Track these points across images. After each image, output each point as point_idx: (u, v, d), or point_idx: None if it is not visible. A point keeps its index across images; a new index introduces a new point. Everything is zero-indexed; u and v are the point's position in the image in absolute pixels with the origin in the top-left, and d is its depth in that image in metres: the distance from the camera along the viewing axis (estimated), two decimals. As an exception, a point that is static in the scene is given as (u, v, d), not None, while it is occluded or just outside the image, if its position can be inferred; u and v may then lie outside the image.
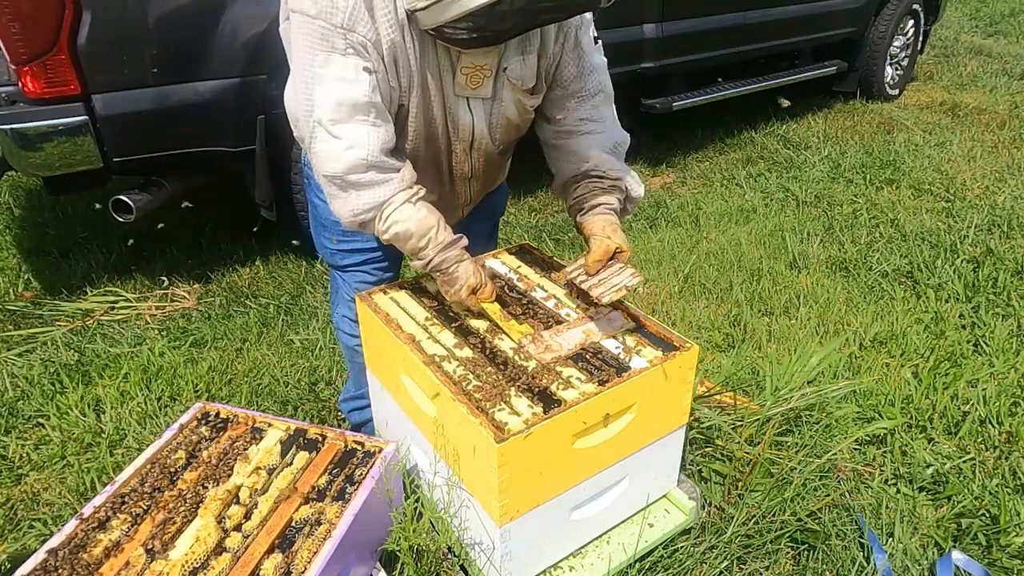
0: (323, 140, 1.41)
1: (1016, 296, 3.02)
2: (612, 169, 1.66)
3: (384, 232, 1.49)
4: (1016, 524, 1.90)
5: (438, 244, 1.51)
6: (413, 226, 1.48)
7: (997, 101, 5.91)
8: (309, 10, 1.33)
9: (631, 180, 1.70)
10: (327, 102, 1.37)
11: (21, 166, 2.61)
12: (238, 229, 3.63)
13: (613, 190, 1.66)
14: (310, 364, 2.63)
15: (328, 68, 1.36)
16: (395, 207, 1.46)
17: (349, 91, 1.37)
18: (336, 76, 1.36)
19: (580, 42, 1.60)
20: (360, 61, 1.37)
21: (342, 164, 1.41)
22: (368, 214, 1.46)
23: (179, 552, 1.37)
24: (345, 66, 1.36)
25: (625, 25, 3.96)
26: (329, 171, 1.43)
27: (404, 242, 1.50)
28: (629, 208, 1.74)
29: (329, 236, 1.79)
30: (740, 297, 3.09)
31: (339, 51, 1.35)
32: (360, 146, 1.40)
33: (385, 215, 1.47)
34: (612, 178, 1.66)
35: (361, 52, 1.36)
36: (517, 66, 1.53)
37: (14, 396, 2.47)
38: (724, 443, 2.05)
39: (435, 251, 1.51)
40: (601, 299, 1.54)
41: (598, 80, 1.67)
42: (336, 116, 1.38)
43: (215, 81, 2.76)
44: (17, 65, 2.41)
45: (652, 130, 5.12)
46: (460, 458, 1.47)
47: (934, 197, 4.12)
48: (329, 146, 1.41)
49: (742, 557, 1.82)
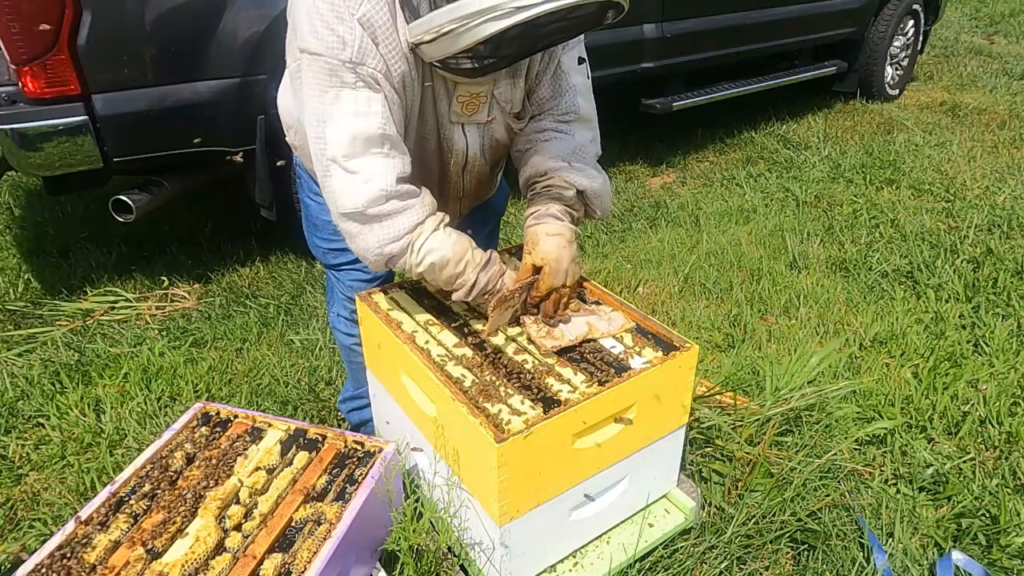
0: (338, 177, 1.37)
1: (1016, 296, 3.02)
2: (548, 170, 1.56)
3: (418, 263, 1.42)
4: (1016, 524, 1.90)
5: (477, 265, 1.48)
6: (449, 251, 1.43)
7: (997, 101, 5.91)
8: (316, 48, 1.31)
9: (570, 172, 1.56)
10: (340, 138, 1.34)
11: (21, 166, 2.61)
12: (238, 229, 3.63)
13: (546, 191, 1.56)
14: (310, 364, 2.62)
15: (338, 104, 1.33)
16: (426, 235, 1.41)
17: (362, 125, 1.34)
18: (348, 111, 1.33)
19: (561, 63, 1.59)
20: (371, 93, 1.34)
21: (362, 198, 1.36)
22: (396, 244, 1.40)
23: (179, 552, 1.37)
24: (356, 99, 1.33)
25: (625, 25, 3.95)
26: (349, 207, 1.37)
27: (441, 270, 1.44)
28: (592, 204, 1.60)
29: (321, 235, 1.79)
30: (740, 297, 3.09)
31: (349, 85, 1.33)
32: (378, 177, 1.36)
33: (417, 246, 1.41)
34: (546, 179, 1.56)
35: (372, 85, 1.34)
36: (507, 90, 1.54)
37: (14, 396, 2.47)
38: (724, 443, 2.05)
39: (475, 272, 1.47)
40: (543, 346, 1.53)
41: (572, 101, 1.62)
42: (350, 151, 1.35)
43: (215, 81, 2.76)
44: (17, 65, 2.41)
45: (652, 130, 5.12)
46: (460, 458, 1.47)
47: (934, 197, 4.12)
48: (345, 183, 1.36)
49: (742, 557, 1.82)
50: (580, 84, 1.63)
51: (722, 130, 5.23)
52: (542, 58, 1.56)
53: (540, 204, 1.56)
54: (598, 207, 1.62)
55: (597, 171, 1.62)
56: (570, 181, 1.56)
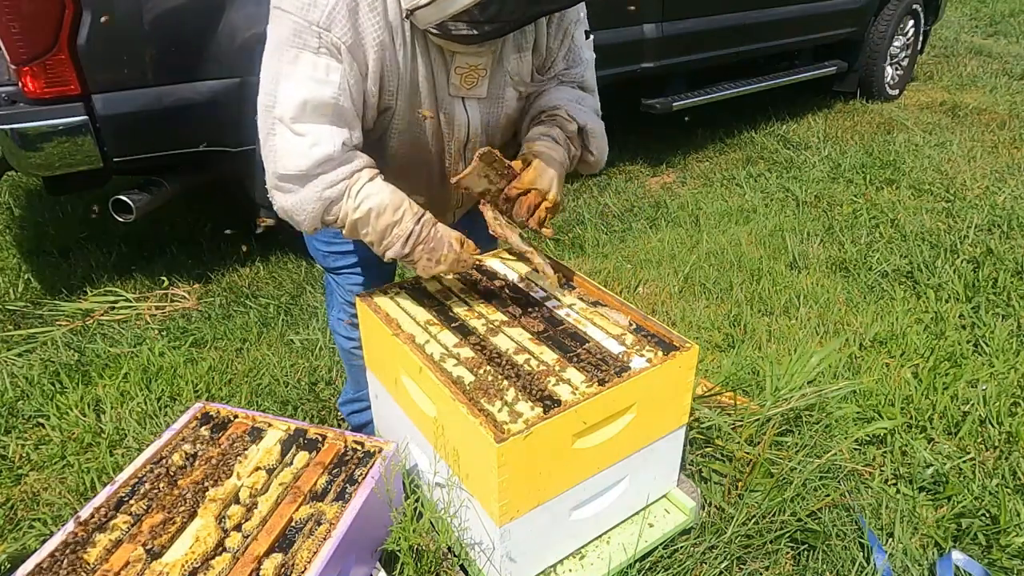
0: (284, 137, 1.36)
1: (1016, 296, 3.02)
2: (557, 104, 1.58)
3: (356, 208, 1.40)
4: (1016, 524, 1.90)
5: (414, 214, 1.45)
6: (387, 198, 1.41)
7: (997, 101, 5.91)
8: (287, 5, 1.30)
9: (574, 107, 1.59)
10: (292, 99, 1.33)
11: (21, 166, 2.61)
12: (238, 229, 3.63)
13: (550, 120, 1.58)
14: (310, 364, 2.63)
15: (297, 65, 1.32)
16: (364, 182, 1.40)
17: (317, 91, 1.33)
18: (305, 75, 1.32)
19: (575, 39, 1.61)
20: (332, 62, 1.33)
21: (307, 160, 1.35)
22: (334, 189, 1.38)
23: (179, 552, 1.37)
24: (316, 65, 1.32)
25: (625, 25, 3.96)
26: (292, 169, 1.36)
27: (378, 217, 1.42)
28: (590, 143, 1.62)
29: (321, 239, 1.78)
30: (740, 297, 3.09)
31: (311, 49, 1.31)
32: (325, 142, 1.35)
33: (355, 190, 1.39)
34: (551, 111, 1.58)
35: (334, 54, 1.32)
36: (515, 64, 1.52)
37: (14, 396, 2.47)
38: (724, 443, 2.05)
39: (413, 220, 1.44)
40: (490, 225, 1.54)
41: (581, 72, 1.66)
42: (298, 115, 1.34)
43: (215, 81, 2.76)
44: (17, 65, 2.41)
45: (652, 130, 5.12)
46: (460, 458, 1.47)
47: (934, 197, 4.12)
48: (291, 143, 1.35)
49: (742, 557, 1.82)
50: (589, 59, 1.66)
51: (722, 130, 5.23)
52: (556, 33, 1.56)
53: (543, 127, 1.57)
54: (595, 148, 1.64)
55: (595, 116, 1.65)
56: (573, 115, 1.58)
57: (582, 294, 1.76)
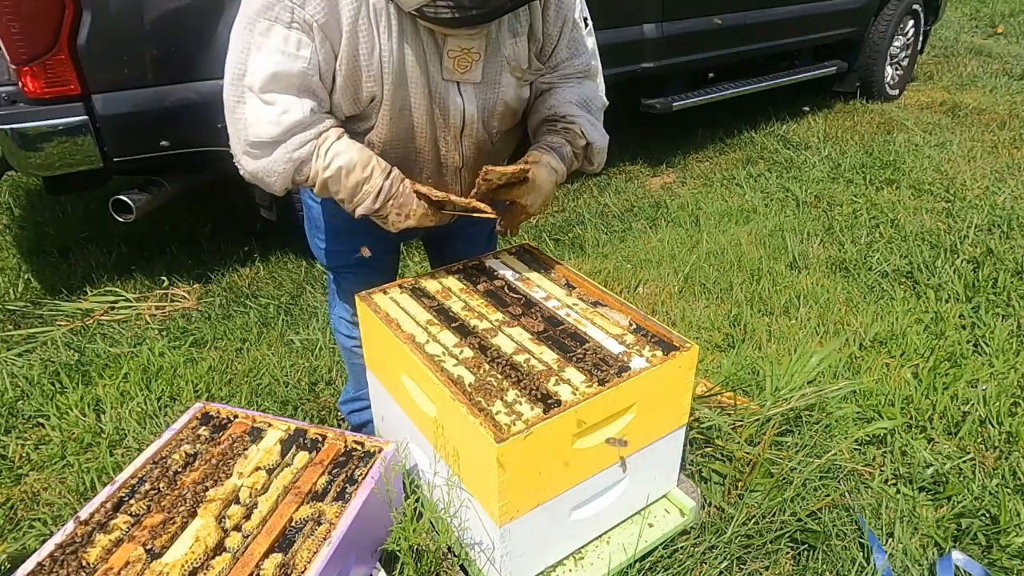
0: (253, 105, 1.38)
1: (1016, 296, 3.02)
2: (568, 115, 1.62)
3: (326, 167, 1.42)
4: (1016, 524, 1.90)
5: (383, 170, 1.47)
6: (355, 155, 1.43)
7: (997, 101, 5.91)
8: None
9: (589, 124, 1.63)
10: (261, 71, 1.35)
11: (21, 166, 2.61)
12: (238, 229, 3.63)
13: (564, 132, 1.62)
14: (310, 364, 2.63)
15: (268, 38, 1.33)
16: (331, 141, 1.42)
17: (287, 64, 1.34)
18: (275, 47, 1.33)
19: (577, 25, 1.62)
20: (303, 37, 1.33)
21: (277, 128, 1.37)
22: (303, 150, 1.41)
23: (179, 552, 1.37)
24: (287, 39, 1.33)
25: (625, 25, 3.96)
26: (263, 135, 1.39)
27: (348, 175, 1.44)
28: (592, 154, 1.67)
29: (325, 237, 1.78)
30: (740, 297, 3.09)
31: (283, 23, 1.32)
32: (295, 109, 1.37)
33: (323, 149, 1.42)
34: (566, 121, 1.62)
35: (306, 30, 1.33)
36: (511, 49, 1.52)
37: (14, 396, 2.47)
38: (724, 443, 2.05)
39: (382, 176, 1.47)
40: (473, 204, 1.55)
41: (585, 61, 1.67)
42: (268, 86, 1.36)
43: (215, 81, 2.76)
44: (17, 65, 2.41)
45: (652, 130, 5.12)
46: (460, 458, 1.47)
47: (934, 197, 4.12)
48: (261, 111, 1.37)
49: (742, 557, 1.82)
50: (591, 45, 1.69)
51: (722, 130, 5.23)
52: (555, 20, 1.57)
53: (556, 138, 1.61)
54: (597, 161, 1.69)
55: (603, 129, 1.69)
56: (585, 133, 1.62)
57: (582, 294, 1.76)
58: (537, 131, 1.66)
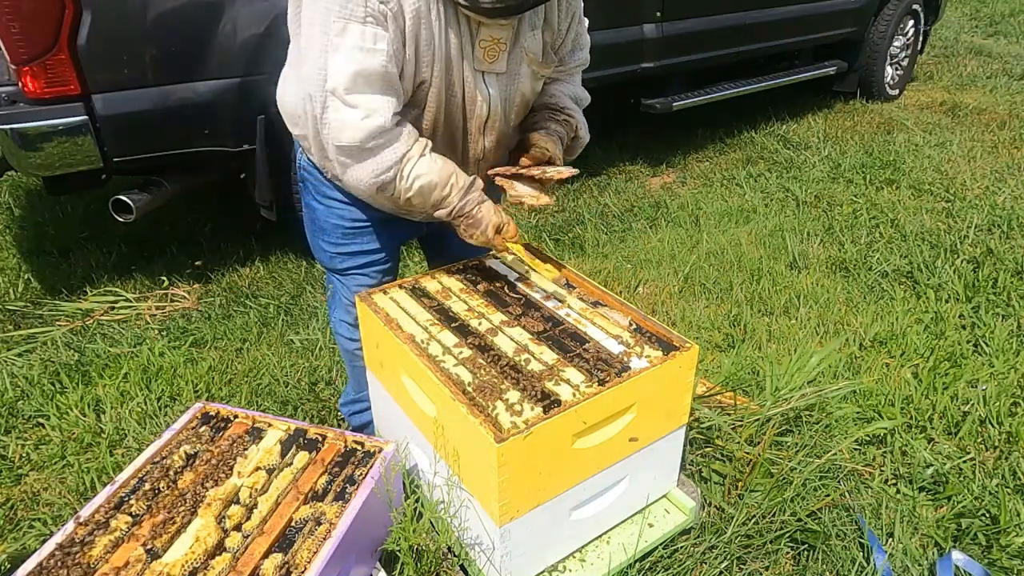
0: (338, 110, 1.40)
1: (1016, 296, 3.02)
2: (568, 108, 1.71)
3: (408, 189, 1.49)
4: (1016, 524, 1.90)
5: (460, 189, 1.53)
6: (435, 176, 1.49)
7: (997, 101, 5.91)
8: None
9: (582, 121, 1.74)
10: (343, 72, 1.36)
11: (21, 166, 2.61)
12: (238, 229, 3.63)
13: (564, 124, 1.70)
14: (310, 364, 2.62)
15: (345, 37, 1.34)
16: (414, 161, 1.47)
17: (367, 61, 1.36)
18: (353, 45, 1.35)
19: (582, 20, 1.68)
20: (379, 30, 1.35)
21: (361, 132, 1.40)
22: (388, 174, 1.46)
23: (179, 552, 1.37)
24: (363, 35, 1.35)
25: (625, 25, 3.96)
26: (346, 141, 1.42)
27: (428, 194, 1.51)
28: (576, 149, 1.78)
29: (328, 239, 1.78)
30: (740, 297, 3.09)
31: (357, 19, 1.33)
32: (377, 114, 1.40)
33: (406, 172, 1.47)
34: (567, 113, 1.70)
35: (380, 21, 1.35)
36: (530, 40, 1.56)
37: (14, 396, 2.47)
38: (724, 443, 2.05)
39: (458, 196, 1.53)
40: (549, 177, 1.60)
41: (585, 56, 1.76)
42: (351, 86, 1.37)
43: (215, 81, 2.76)
44: (17, 65, 2.41)
45: (652, 130, 5.12)
46: (460, 458, 1.47)
47: (934, 197, 4.12)
48: (345, 115, 1.40)
49: (742, 557, 1.82)
50: (588, 40, 1.75)
51: (722, 130, 5.23)
52: (565, 16, 1.62)
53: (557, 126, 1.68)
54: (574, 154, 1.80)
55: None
56: (579, 128, 1.73)
57: (582, 294, 1.77)
58: (532, 113, 1.72)
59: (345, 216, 1.72)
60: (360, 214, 1.72)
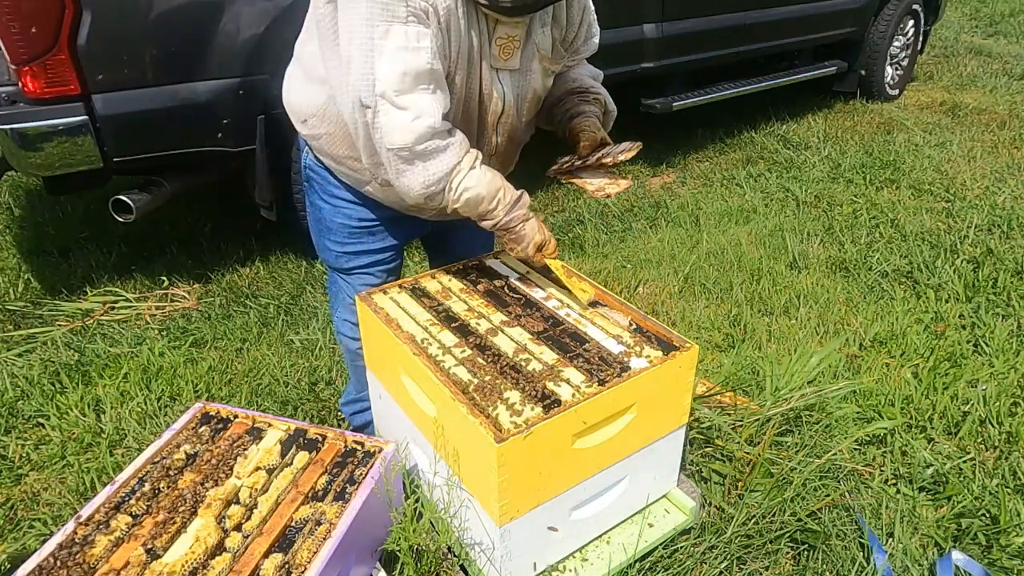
0: (387, 113, 1.39)
1: (1016, 296, 3.02)
2: (593, 87, 1.75)
3: (456, 200, 1.49)
4: (1016, 524, 1.90)
5: (507, 204, 1.54)
6: (483, 189, 1.50)
7: (997, 101, 5.91)
8: None
9: (607, 95, 1.79)
10: (391, 74, 1.35)
11: (21, 166, 2.61)
12: (238, 229, 3.63)
13: (596, 103, 1.74)
14: (310, 364, 2.62)
15: (389, 39, 1.34)
16: (464, 174, 1.47)
17: (412, 60, 1.35)
18: (398, 46, 1.34)
19: (591, 9, 1.70)
20: (421, 28, 1.35)
21: (412, 135, 1.39)
22: (438, 185, 1.46)
23: (179, 552, 1.37)
24: (407, 35, 1.35)
25: (625, 25, 3.96)
26: (398, 143, 1.41)
27: (475, 207, 1.52)
28: (608, 123, 1.80)
29: (334, 238, 1.77)
30: (740, 297, 3.09)
31: (400, 20, 1.33)
32: (427, 114, 1.39)
33: (455, 184, 1.47)
34: (594, 92, 1.74)
35: (422, 19, 1.35)
36: (541, 37, 1.57)
37: (14, 396, 2.47)
38: (724, 443, 2.05)
39: (504, 211, 1.54)
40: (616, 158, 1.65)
41: (595, 42, 1.78)
42: (400, 87, 1.36)
43: (215, 81, 2.76)
44: (17, 65, 2.41)
45: (652, 130, 5.12)
46: (460, 458, 1.47)
47: (934, 197, 4.12)
48: (395, 118, 1.39)
49: (742, 557, 1.82)
50: (598, 30, 1.77)
51: (722, 130, 5.23)
52: (577, 9, 1.64)
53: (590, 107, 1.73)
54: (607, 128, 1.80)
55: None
56: (607, 102, 1.78)
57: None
58: (561, 102, 1.74)
59: (352, 215, 1.72)
60: (368, 213, 1.72)
